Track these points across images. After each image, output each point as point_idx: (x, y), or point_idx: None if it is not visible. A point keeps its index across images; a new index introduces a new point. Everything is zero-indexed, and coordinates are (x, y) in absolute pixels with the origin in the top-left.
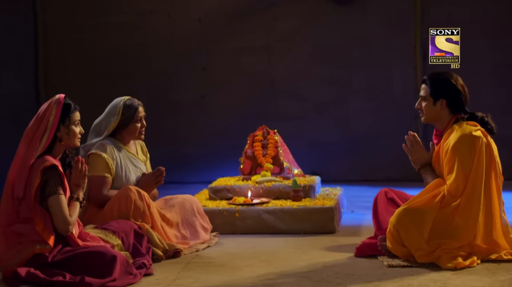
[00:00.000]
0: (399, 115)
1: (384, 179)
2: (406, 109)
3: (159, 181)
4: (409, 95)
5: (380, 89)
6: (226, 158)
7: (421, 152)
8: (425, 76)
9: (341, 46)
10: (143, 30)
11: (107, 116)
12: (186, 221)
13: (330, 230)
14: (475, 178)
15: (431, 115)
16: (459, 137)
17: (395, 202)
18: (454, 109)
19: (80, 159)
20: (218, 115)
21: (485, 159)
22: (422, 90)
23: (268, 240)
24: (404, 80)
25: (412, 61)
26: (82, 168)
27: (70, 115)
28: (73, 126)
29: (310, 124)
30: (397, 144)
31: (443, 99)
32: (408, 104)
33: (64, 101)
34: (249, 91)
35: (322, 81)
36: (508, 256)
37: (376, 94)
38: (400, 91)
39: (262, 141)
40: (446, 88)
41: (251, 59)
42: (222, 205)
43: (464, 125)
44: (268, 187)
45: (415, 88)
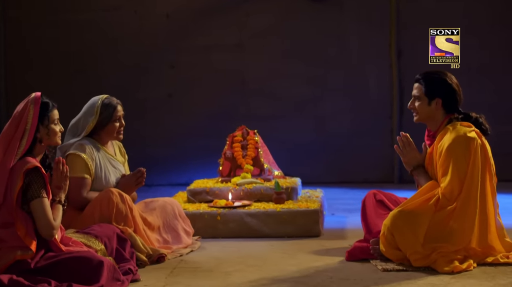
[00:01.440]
0: (375, 115)
1: (361, 180)
2: (382, 109)
3: (139, 182)
4: (385, 94)
5: (356, 88)
6: (195, 159)
7: (413, 153)
8: (418, 75)
9: (316, 43)
10: (110, 27)
11: (85, 116)
12: (167, 224)
13: (315, 233)
14: (471, 181)
15: (424, 115)
16: (454, 139)
17: (385, 204)
18: (448, 109)
19: (61, 160)
20: (186, 115)
21: (480, 161)
22: (415, 90)
23: (252, 244)
24: (380, 78)
25: (388, 59)
26: (63, 169)
27: (48, 114)
28: (52, 125)
29: (284, 124)
30: (374, 144)
31: (439, 98)
32: (384, 103)
33: (41, 100)
34: (220, 90)
35: (296, 79)
36: (505, 259)
37: (352, 92)
38: (376, 90)
39: (242, 142)
40: (441, 88)
41: (222, 57)
42: (202, 208)
43: (458, 126)
44: (249, 189)
45: (391, 86)
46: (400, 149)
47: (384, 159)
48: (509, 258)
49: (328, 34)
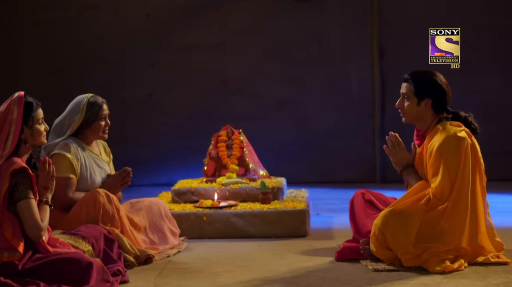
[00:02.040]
0: (357, 114)
1: (343, 180)
2: (364, 108)
3: (125, 182)
4: (367, 93)
5: (338, 87)
6: (177, 159)
7: (403, 153)
8: (407, 75)
9: (298, 42)
10: (90, 26)
11: (70, 115)
12: (154, 225)
13: (302, 233)
14: (462, 181)
15: (413, 115)
16: (444, 139)
17: (373, 204)
18: (437, 109)
19: (47, 160)
20: (167, 115)
21: (470, 161)
22: (404, 89)
23: (239, 244)
24: (362, 77)
25: (370, 58)
26: (49, 169)
27: (32, 114)
28: (37, 126)
29: (265, 124)
30: (356, 144)
31: (429, 99)
32: (366, 103)
33: (24, 100)
34: (201, 90)
35: (278, 79)
36: (495, 259)
37: (334, 92)
38: (358, 89)
39: (227, 141)
40: (431, 88)
41: (202, 56)
42: (188, 208)
43: (448, 126)
44: (235, 189)
45: (372, 86)
46: (389, 149)
47: (366, 158)
48: (499, 257)
49: (310, 33)
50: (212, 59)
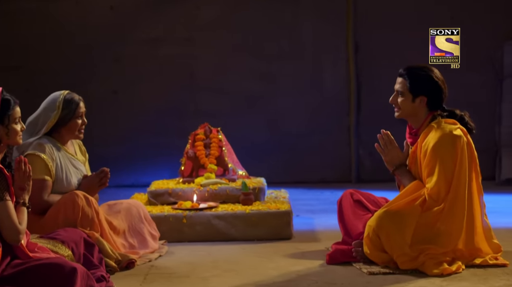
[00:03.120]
0: (332, 112)
1: (317, 180)
2: (338, 105)
3: (103, 183)
4: (342, 89)
5: (312, 83)
6: (146, 158)
7: (395, 151)
8: (402, 70)
9: (269, 36)
10: (49, 19)
11: (45, 112)
12: (133, 228)
13: (286, 235)
14: (458, 181)
15: (407, 112)
16: (440, 137)
17: (363, 204)
18: (433, 106)
19: (23, 159)
20: (134, 112)
21: (467, 160)
22: (399, 85)
23: (222, 247)
24: (336, 73)
25: (344, 53)
26: (25, 168)
27: (9, 113)
28: (13, 125)
29: (235, 122)
30: (330, 143)
31: (424, 96)
32: (341, 100)
33: (2, 97)
34: (168, 86)
35: (248, 74)
36: (494, 261)
37: (307, 88)
38: (332, 85)
39: (205, 140)
40: (427, 85)
41: (170, 51)
42: (167, 210)
43: (443, 124)
44: (214, 190)
45: (347, 82)
46: (381, 148)
47: (341, 157)
48: (497, 259)
49: (281, 26)
50: (180, 53)
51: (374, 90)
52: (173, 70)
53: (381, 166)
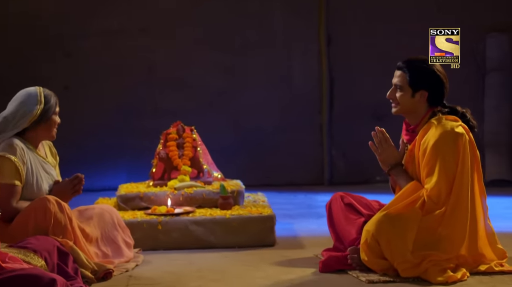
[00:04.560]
0: (302, 109)
1: (286, 183)
2: (310, 102)
3: (77, 189)
4: (314, 85)
5: (281, 78)
6: (102, 160)
7: (390, 150)
8: (401, 63)
9: (234, 27)
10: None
11: (24, 106)
12: (106, 235)
13: (269, 242)
14: (461, 182)
15: (406, 107)
16: (440, 134)
17: (355, 208)
18: (433, 102)
19: None
20: (87, 110)
21: (469, 159)
22: (397, 78)
23: (202, 255)
24: (307, 68)
25: (316, 46)
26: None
27: None
28: None
29: (197, 120)
30: (301, 142)
31: (424, 91)
32: (312, 96)
33: None
34: (124, 81)
35: (211, 69)
36: (499, 267)
37: (276, 84)
38: (303, 81)
39: (177, 140)
40: (428, 79)
41: (125, 44)
42: (140, 216)
43: (444, 121)
44: (190, 194)
45: (320, 77)
46: (375, 146)
47: (312, 158)
48: (503, 266)
49: (248, 16)
50: (137, 46)
51: (348, 86)
52: (130, 64)
53: (355, 167)
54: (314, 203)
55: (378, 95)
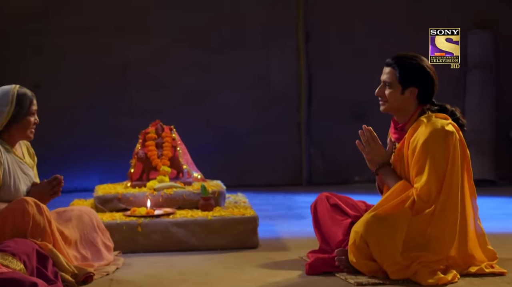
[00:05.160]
0: (280, 107)
1: (264, 183)
2: (288, 100)
3: (55, 191)
4: (292, 83)
5: (258, 76)
6: (75, 160)
7: (378, 149)
8: (390, 59)
9: (210, 24)
10: None
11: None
12: (85, 238)
13: (252, 244)
14: (451, 181)
15: (395, 105)
16: (430, 132)
17: (341, 208)
18: (423, 99)
19: None
20: (59, 110)
21: (459, 158)
22: (386, 75)
23: (184, 258)
24: (285, 65)
25: (294, 42)
26: None
27: None
28: None
29: (173, 119)
30: (279, 142)
31: (414, 88)
32: (290, 94)
33: None
34: (98, 79)
35: (187, 66)
36: (490, 269)
37: (253, 82)
38: (280, 78)
39: (156, 139)
40: (418, 75)
41: (99, 41)
42: (119, 217)
43: (433, 119)
44: (170, 195)
45: (298, 74)
46: (362, 145)
47: (290, 158)
48: (493, 267)
49: (224, 14)
50: (111, 44)
51: (326, 83)
52: (104, 62)
53: (334, 167)
54: (293, 204)
55: (357, 93)
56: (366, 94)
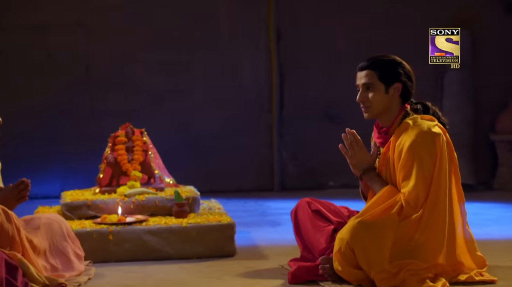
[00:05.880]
0: (251, 109)
1: (234, 188)
2: (258, 101)
3: (22, 196)
4: (262, 83)
5: (227, 77)
6: (34, 166)
7: (362, 153)
8: (364, 62)
9: (177, 22)
10: None
11: None
12: (55, 247)
13: (229, 252)
14: (438, 185)
15: (381, 106)
16: (417, 135)
17: (323, 215)
18: (406, 96)
19: None
20: (16, 113)
21: (447, 161)
22: (365, 78)
23: (159, 267)
24: (256, 65)
25: (265, 41)
26: None
27: None
28: None
29: (137, 122)
30: (249, 145)
31: (399, 83)
32: (261, 95)
33: None
34: (58, 80)
35: (153, 67)
36: (479, 277)
37: (222, 82)
38: (251, 79)
39: (126, 143)
40: (399, 70)
41: (60, 39)
42: (89, 225)
43: (419, 120)
44: (141, 201)
45: (269, 74)
46: (346, 149)
47: (262, 162)
48: (483, 275)
49: (192, 12)
50: (72, 42)
51: (299, 84)
52: (64, 62)
53: (307, 171)
54: (267, 210)
55: (331, 93)
56: (340, 94)
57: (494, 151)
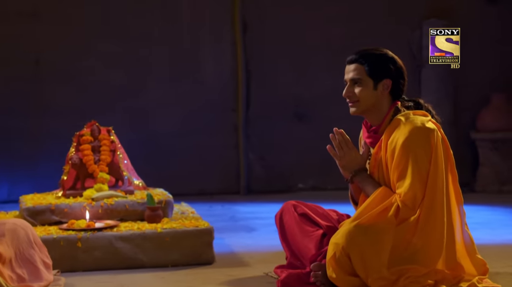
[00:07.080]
0: (214, 107)
1: (196, 192)
2: (223, 99)
3: None
4: (227, 79)
5: (189, 72)
6: None
7: (352, 154)
8: (353, 56)
9: (135, 14)
10: None
11: None
12: (21, 255)
13: (207, 259)
14: (434, 185)
15: (369, 103)
16: (410, 131)
17: (310, 218)
18: (396, 93)
19: None
20: None
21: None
22: (353, 72)
23: (133, 276)
24: (220, 59)
25: (230, 34)
26: None
27: None
28: None
29: (91, 119)
30: (213, 145)
31: (388, 79)
32: (226, 92)
33: None
34: (6, 74)
35: (109, 61)
36: (482, 284)
37: (184, 78)
38: (214, 75)
39: (92, 143)
40: (389, 65)
41: (8, 30)
42: (55, 231)
43: (411, 116)
44: (110, 205)
45: (234, 70)
46: (334, 150)
47: (226, 163)
48: (486, 282)
49: (152, 3)
50: (22, 33)
51: (266, 80)
52: (13, 55)
53: (275, 173)
54: (236, 215)
55: (300, 90)
56: (310, 92)
57: (475, 150)
